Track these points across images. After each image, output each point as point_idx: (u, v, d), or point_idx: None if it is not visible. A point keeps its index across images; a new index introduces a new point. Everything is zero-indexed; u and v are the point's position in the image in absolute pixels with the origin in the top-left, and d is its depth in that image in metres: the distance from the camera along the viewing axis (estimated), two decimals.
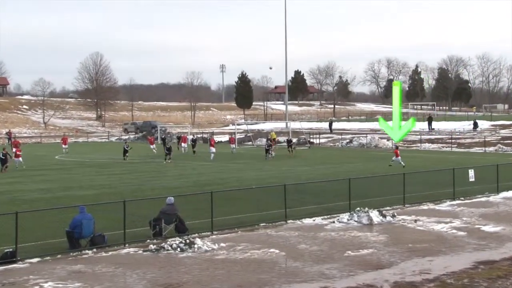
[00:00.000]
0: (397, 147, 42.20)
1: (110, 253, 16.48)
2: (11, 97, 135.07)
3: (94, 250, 16.65)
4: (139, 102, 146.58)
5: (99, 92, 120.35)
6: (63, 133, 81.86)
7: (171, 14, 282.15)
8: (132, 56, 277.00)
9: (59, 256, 16.06)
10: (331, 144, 65.19)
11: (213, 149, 46.05)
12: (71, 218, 17.18)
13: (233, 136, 59.49)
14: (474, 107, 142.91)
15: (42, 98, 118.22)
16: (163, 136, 56.12)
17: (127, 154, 46.18)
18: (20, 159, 40.69)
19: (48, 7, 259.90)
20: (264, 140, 66.04)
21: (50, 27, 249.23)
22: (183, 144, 54.15)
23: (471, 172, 26.78)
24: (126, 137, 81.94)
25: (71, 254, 16.30)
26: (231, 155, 49.44)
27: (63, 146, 55.59)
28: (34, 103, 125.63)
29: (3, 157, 39.15)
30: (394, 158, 39.35)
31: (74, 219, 16.98)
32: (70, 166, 43.38)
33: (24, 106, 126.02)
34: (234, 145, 52.87)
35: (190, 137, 61.98)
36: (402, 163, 38.12)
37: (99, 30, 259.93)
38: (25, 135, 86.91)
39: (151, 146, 53.22)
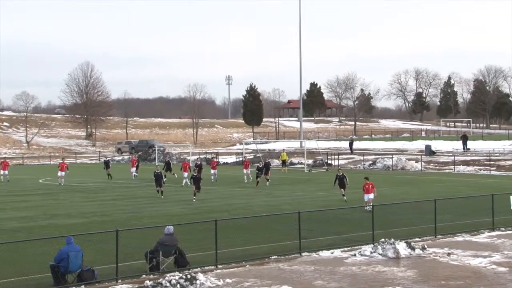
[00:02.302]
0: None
1: None
2: None
3: (83, 287, 16.61)
4: (135, 118, 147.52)
5: (89, 107, 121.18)
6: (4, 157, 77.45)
7: (170, 20, 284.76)
8: (127, 66, 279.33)
9: None
10: (352, 166, 65.05)
11: (213, 171, 47.25)
12: (57, 250, 17.18)
13: (247, 158, 56.81)
14: None
15: (25, 114, 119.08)
16: (167, 159, 52.46)
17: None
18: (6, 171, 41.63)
19: (33, 12, 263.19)
20: (276, 161, 66.16)
21: (34, 34, 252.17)
22: (185, 174, 46.49)
23: None
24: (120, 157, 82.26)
25: None
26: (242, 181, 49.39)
27: (2, 171, 51.88)
28: (16, 120, 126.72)
29: None
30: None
31: (59, 252, 16.97)
32: (56, 191, 43.52)
33: (5, 123, 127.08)
34: (248, 170, 47.72)
35: (192, 158, 61.95)
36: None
37: (90, 38, 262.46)
38: (5, 155, 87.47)
39: (185, 174, 46.28)
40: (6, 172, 51.86)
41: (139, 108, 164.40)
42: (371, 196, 29.77)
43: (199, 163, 48.38)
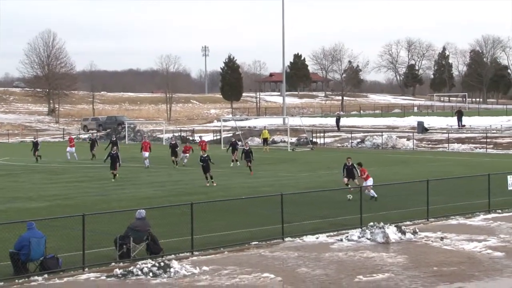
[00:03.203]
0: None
1: (65, 279, 16.44)
2: None
3: (46, 276, 16.60)
4: (102, 92, 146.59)
5: (51, 80, 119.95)
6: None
7: None
8: (93, 35, 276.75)
9: (1, 283, 16.00)
10: (339, 145, 65.32)
11: (146, 154, 44.70)
12: (17, 236, 17.13)
13: (202, 139, 55.73)
14: None
15: None
16: (173, 142, 49.34)
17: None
18: None
19: None
20: (257, 139, 66.18)
21: None
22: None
23: (511, 179, 26.90)
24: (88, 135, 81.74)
25: (16, 281, 16.24)
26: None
27: None
28: None
29: None
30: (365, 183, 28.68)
31: (20, 238, 16.92)
32: (16, 172, 43.24)
33: None
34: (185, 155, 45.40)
35: (167, 136, 61.74)
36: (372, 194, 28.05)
37: (51, 3, 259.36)
38: None
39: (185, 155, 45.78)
40: None
41: (106, 82, 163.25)
42: (370, 182, 28.44)
43: (173, 142, 47.21)
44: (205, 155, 34.58)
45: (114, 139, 54.74)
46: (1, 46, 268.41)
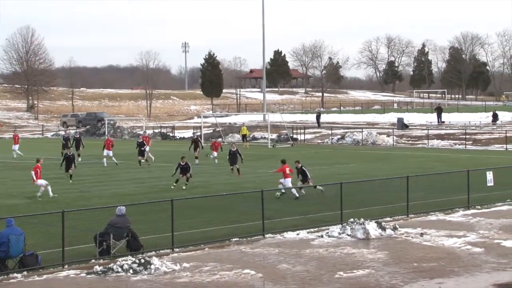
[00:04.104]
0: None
1: (44, 276, 16.35)
2: None
3: (25, 273, 16.50)
4: (81, 89, 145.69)
5: (30, 76, 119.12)
6: None
7: None
8: (72, 31, 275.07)
9: None
10: (319, 141, 65.50)
11: (215, 154, 42.63)
12: None
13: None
14: (503, 96, 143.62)
15: None
16: (195, 137, 47.41)
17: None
18: None
19: None
20: (237, 136, 66.12)
21: None
22: (214, 153, 43.11)
23: (490, 175, 27.10)
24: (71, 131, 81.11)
25: None
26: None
27: None
28: None
29: None
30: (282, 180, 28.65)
31: None
32: None
33: None
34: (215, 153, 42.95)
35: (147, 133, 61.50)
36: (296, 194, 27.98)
37: None
38: None
39: (214, 154, 43.07)
40: None
41: (86, 78, 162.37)
42: (288, 182, 28.02)
43: (140, 141, 43.67)
44: (71, 154, 34.98)
45: (78, 137, 51.58)
46: None
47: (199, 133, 67.06)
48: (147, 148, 43.93)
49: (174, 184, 31.17)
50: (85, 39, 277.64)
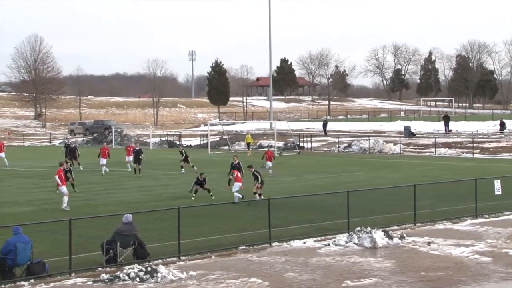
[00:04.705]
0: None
1: (51, 284, 16.35)
2: None
3: (32, 281, 16.50)
4: (89, 97, 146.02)
5: (38, 84, 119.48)
6: None
7: None
8: (80, 39, 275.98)
9: None
10: (326, 149, 65.41)
11: (269, 164, 41.48)
12: (3, 241, 17.02)
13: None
14: (511, 104, 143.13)
15: None
16: (181, 149, 45.79)
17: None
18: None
19: None
20: (243, 144, 66.09)
21: None
22: (269, 163, 41.63)
23: (497, 184, 26.98)
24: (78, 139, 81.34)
25: (3, 286, 16.14)
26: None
27: None
28: None
29: None
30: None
31: (6, 243, 16.81)
32: (1, 176, 42.93)
33: None
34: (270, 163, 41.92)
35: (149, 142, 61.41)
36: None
37: (38, 7, 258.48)
38: None
39: (269, 164, 42.09)
40: None
41: (93, 86, 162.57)
42: (236, 186, 29.41)
43: (138, 148, 42.73)
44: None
45: (74, 146, 49.08)
46: None
47: (184, 144, 67.21)
48: (142, 156, 42.48)
49: (194, 195, 31.02)
50: (93, 47, 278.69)
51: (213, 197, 30.47)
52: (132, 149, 43.77)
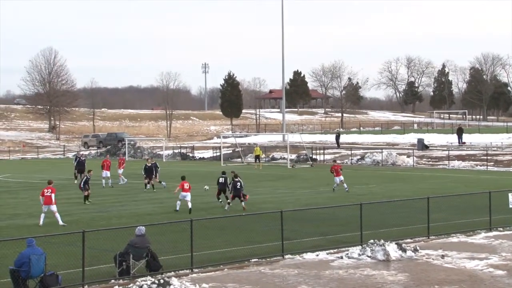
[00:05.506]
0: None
1: None
2: None
3: None
4: (103, 109, 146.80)
5: (52, 97, 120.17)
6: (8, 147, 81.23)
7: (140, 2, 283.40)
8: (94, 53, 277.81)
9: None
10: (339, 161, 65.10)
11: (337, 179, 38.40)
12: (17, 253, 17.06)
13: (122, 156, 52.00)
14: None
15: None
16: (152, 162, 41.97)
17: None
18: None
19: None
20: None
21: None
22: (336, 179, 38.47)
23: None
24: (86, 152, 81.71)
25: None
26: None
27: None
28: None
29: None
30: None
31: (20, 255, 16.85)
32: (16, 188, 43.16)
33: None
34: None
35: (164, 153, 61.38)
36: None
37: (53, 21, 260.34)
38: None
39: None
40: None
41: (107, 98, 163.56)
42: (187, 196, 30.62)
43: (153, 162, 41.22)
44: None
45: (83, 159, 47.93)
46: (3, 64, 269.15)
47: (197, 157, 67.11)
48: (158, 171, 41.27)
49: (222, 201, 32.33)
50: (107, 60, 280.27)
51: (245, 207, 30.64)
52: (123, 161, 44.31)
